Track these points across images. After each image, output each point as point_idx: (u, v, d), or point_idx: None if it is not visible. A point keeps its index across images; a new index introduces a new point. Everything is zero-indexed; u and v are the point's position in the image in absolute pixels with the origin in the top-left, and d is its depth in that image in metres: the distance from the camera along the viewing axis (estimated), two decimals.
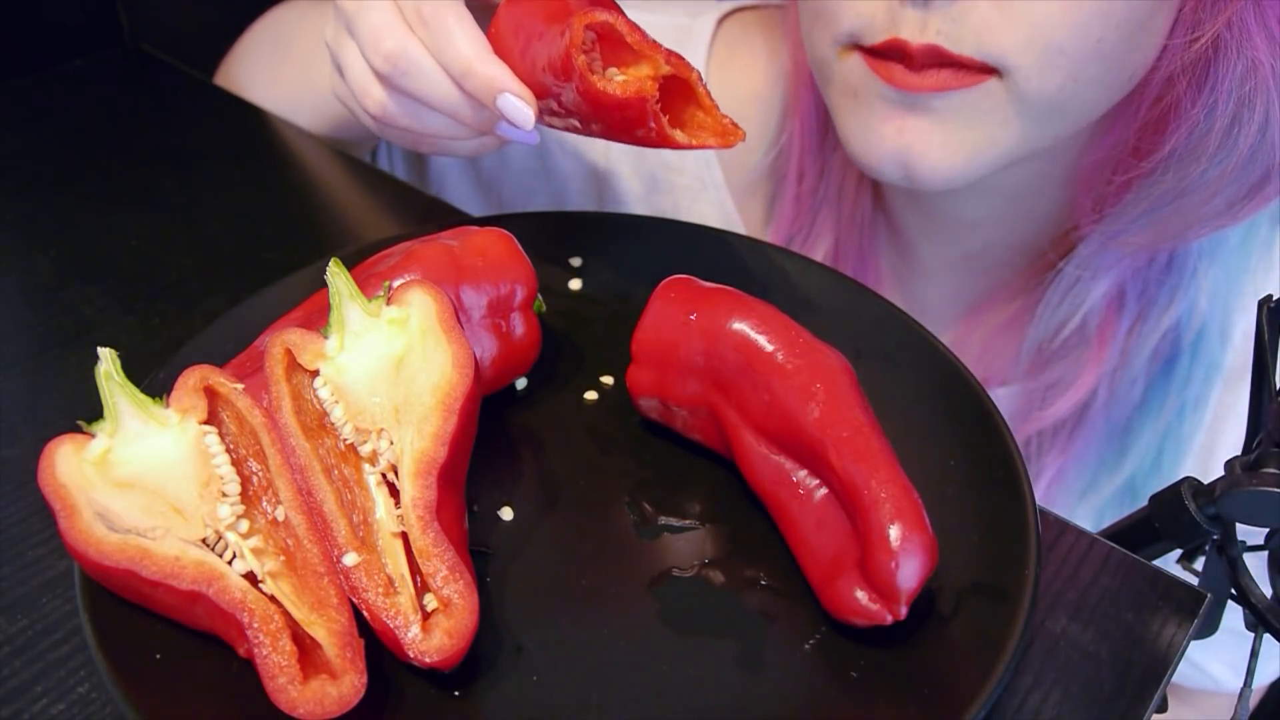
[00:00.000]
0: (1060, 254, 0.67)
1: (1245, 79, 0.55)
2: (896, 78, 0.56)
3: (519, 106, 0.50)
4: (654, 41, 0.48)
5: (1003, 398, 0.73)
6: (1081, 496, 0.73)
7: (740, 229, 0.79)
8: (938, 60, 0.54)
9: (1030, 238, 0.71)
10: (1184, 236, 0.63)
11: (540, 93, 0.50)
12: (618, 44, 0.48)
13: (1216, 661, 0.73)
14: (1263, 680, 0.76)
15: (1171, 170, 0.59)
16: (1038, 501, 0.43)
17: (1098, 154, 0.64)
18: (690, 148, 0.48)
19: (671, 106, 0.48)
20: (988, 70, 0.55)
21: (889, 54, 0.56)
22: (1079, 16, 0.53)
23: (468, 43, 0.50)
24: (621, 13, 0.49)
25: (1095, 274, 0.65)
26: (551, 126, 0.53)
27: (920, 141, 0.57)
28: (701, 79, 0.48)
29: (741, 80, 0.77)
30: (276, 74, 0.81)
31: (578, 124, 0.51)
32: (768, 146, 0.76)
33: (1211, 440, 0.70)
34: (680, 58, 0.48)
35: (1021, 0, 0.53)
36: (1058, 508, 0.69)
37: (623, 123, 0.48)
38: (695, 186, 0.79)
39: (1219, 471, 0.67)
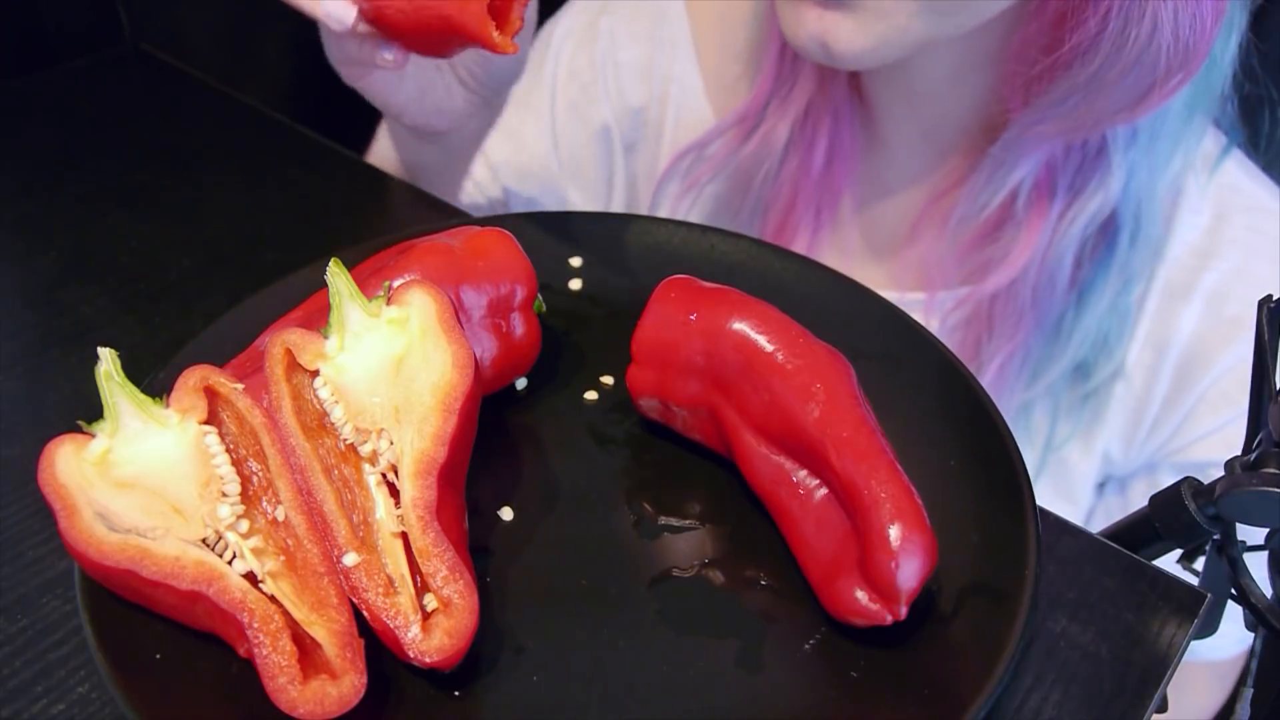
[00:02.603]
0: (991, 141, 0.72)
1: None
2: None
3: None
4: None
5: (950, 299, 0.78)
6: (1033, 379, 0.76)
7: (704, 99, 0.85)
8: None
9: (974, 114, 0.75)
10: (1092, 127, 0.68)
11: None
12: None
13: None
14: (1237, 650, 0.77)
15: (1075, 66, 0.65)
16: (996, 402, 0.45)
17: (1019, 42, 0.69)
18: None
19: None
20: None
21: None
22: None
23: None
24: None
25: (1017, 159, 0.70)
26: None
27: (834, 29, 0.65)
28: None
29: None
30: None
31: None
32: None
33: (1164, 325, 0.74)
34: None
35: None
36: (1011, 392, 0.76)
37: None
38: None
39: (1176, 342, 0.73)
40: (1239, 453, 0.46)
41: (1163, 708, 0.43)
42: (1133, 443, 0.76)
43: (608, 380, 0.52)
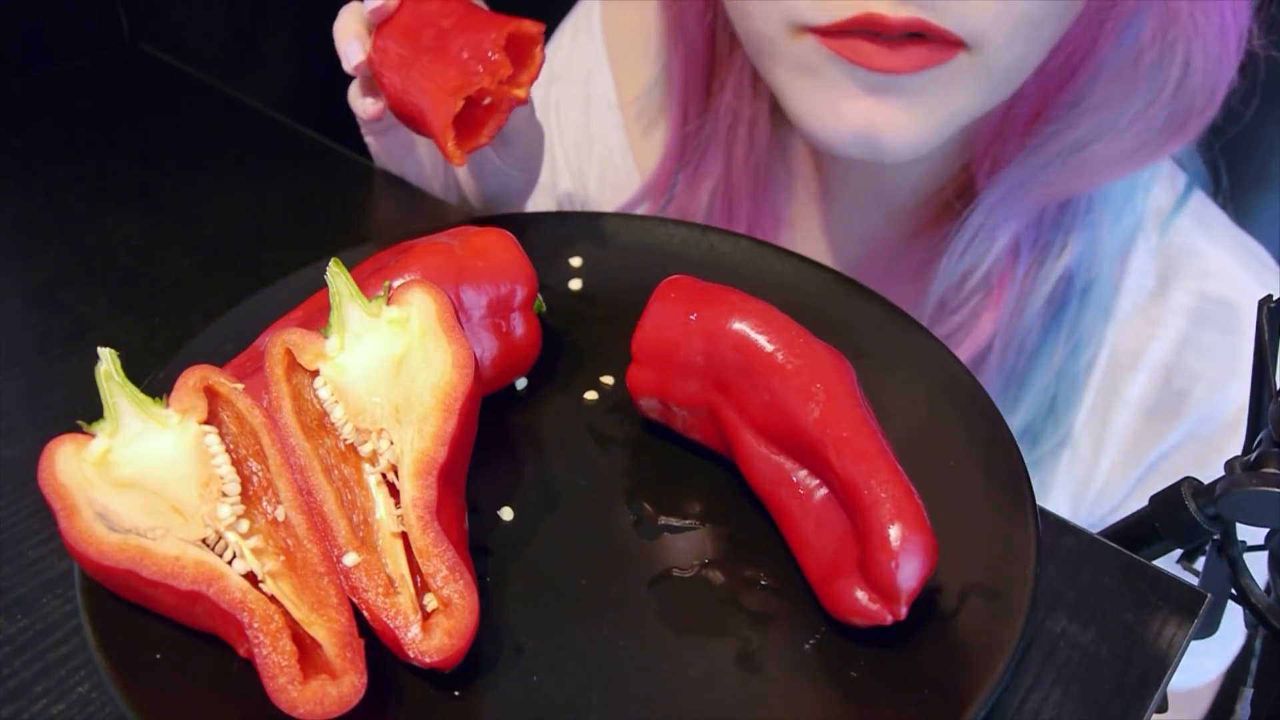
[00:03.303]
0: (965, 203, 0.67)
1: (1167, 26, 0.57)
2: (870, 59, 0.55)
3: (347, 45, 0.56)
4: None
5: None
6: None
7: (630, 160, 0.82)
8: (918, 30, 0.54)
9: (933, 175, 0.71)
10: (1092, 181, 0.63)
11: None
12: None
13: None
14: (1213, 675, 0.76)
15: (1088, 115, 0.60)
16: None
17: (1007, 102, 0.65)
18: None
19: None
20: (958, 43, 0.55)
21: (857, 31, 0.55)
22: None
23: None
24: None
25: (1000, 222, 0.65)
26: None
27: (889, 121, 0.57)
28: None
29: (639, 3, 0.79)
30: None
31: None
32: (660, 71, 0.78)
33: (1112, 382, 0.70)
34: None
35: None
36: None
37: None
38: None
39: (1123, 413, 0.71)
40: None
41: (1163, 708, 0.43)
42: (1081, 506, 0.73)
43: (608, 380, 0.52)
